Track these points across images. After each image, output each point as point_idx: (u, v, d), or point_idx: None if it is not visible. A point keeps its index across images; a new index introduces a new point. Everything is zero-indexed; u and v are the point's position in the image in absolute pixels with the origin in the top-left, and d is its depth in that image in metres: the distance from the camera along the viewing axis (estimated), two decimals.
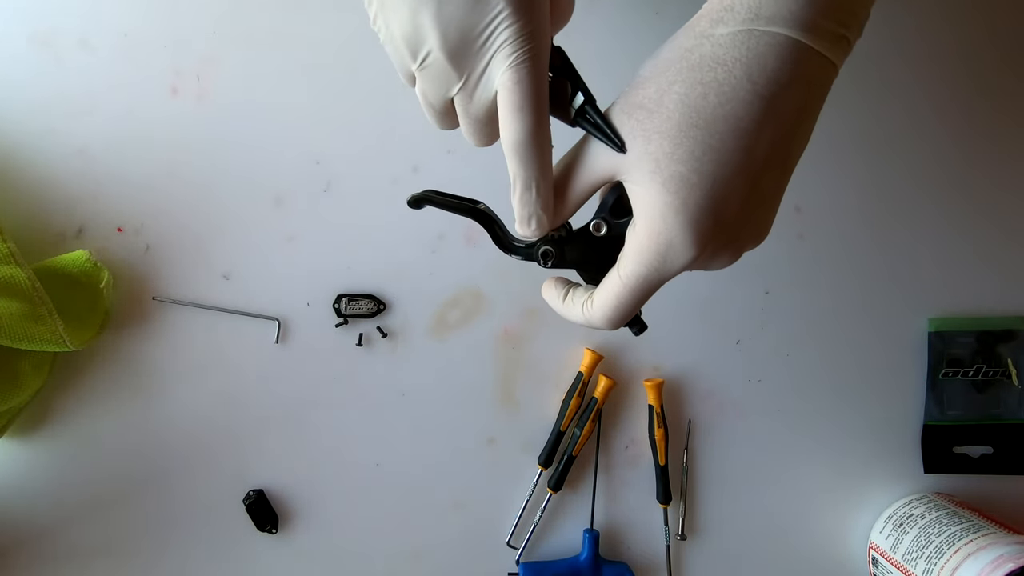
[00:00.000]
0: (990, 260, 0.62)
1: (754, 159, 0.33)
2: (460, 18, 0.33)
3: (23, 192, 0.56)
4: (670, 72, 0.34)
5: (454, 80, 0.35)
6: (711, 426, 0.62)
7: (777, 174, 0.35)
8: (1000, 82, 0.61)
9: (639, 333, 0.42)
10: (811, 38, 0.32)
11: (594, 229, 0.39)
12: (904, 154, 0.61)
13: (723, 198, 0.34)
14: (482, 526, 0.61)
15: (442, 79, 0.35)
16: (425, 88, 0.36)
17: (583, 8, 0.59)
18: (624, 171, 0.35)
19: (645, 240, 0.35)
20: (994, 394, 0.62)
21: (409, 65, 0.35)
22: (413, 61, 0.35)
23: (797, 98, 0.33)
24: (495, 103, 0.35)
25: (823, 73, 0.34)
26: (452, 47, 0.33)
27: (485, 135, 0.37)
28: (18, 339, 0.49)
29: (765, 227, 0.37)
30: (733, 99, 0.33)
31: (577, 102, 0.37)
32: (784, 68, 0.32)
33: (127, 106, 0.57)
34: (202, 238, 0.58)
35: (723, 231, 0.34)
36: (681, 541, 0.62)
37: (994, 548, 0.52)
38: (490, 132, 0.37)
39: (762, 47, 0.32)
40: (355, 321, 0.59)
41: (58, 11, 0.56)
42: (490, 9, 0.32)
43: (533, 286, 0.60)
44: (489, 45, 0.33)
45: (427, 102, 0.37)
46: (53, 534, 0.58)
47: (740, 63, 0.32)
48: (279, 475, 0.59)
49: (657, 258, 0.35)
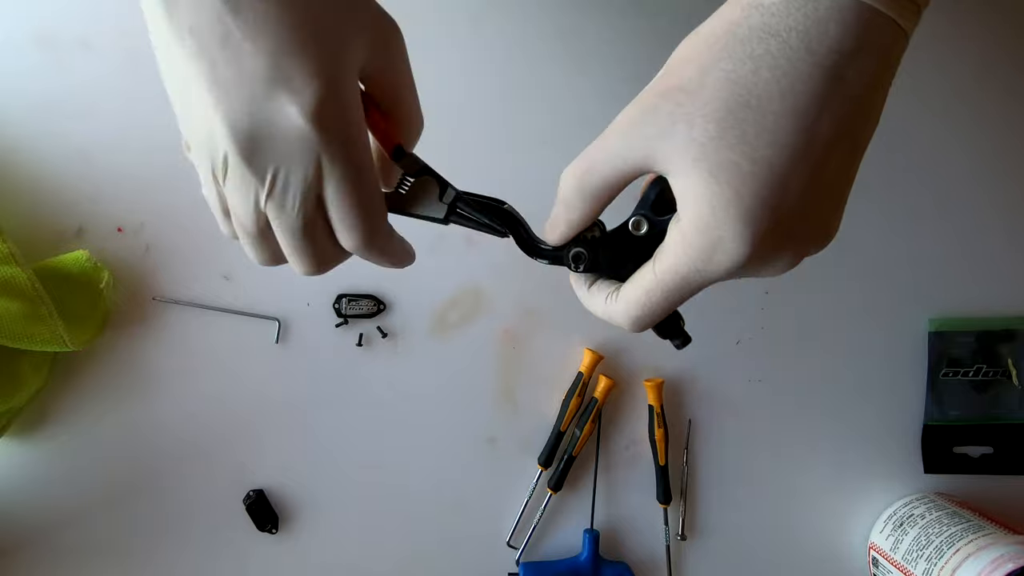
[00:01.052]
0: (990, 260, 0.62)
1: (816, 142, 0.29)
2: (249, 112, 0.30)
3: (23, 192, 0.56)
4: (715, 48, 0.30)
5: (257, 185, 0.31)
6: (711, 426, 0.62)
7: (845, 159, 0.30)
8: (1001, 80, 0.61)
9: (682, 347, 0.38)
10: (878, 0, 0.28)
11: (633, 227, 0.35)
12: (904, 153, 0.61)
13: (782, 187, 0.29)
14: (482, 526, 0.61)
15: (245, 185, 0.31)
16: (233, 203, 0.32)
17: (584, 8, 0.59)
18: (663, 160, 0.31)
19: (691, 235, 0.30)
20: (994, 394, 0.62)
21: (213, 180, 0.32)
22: (216, 171, 0.31)
23: (865, 69, 0.29)
24: (312, 210, 0.32)
25: (893, 41, 0.29)
26: (243, 144, 0.30)
27: (310, 254, 0.33)
28: (18, 339, 0.49)
29: (832, 224, 0.32)
30: (790, 72, 0.28)
31: (447, 198, 0.36)
32: (848, 35, 0.28)
33: (127, 106, 0.57)
34: (202, 238, 0.58)
35: (782, 227, 0.30)
36: (681, 541, 0.62)
37: (994, 548, 0.52)
38: (315, 249, 0.33)
39: (821, 12, 0.28)
40: (355, 321, 0.59)
41: (59, 11, 0.56)
42: (282, 114, 0.30)
43: (533, 286, 0.60)
44: (288, 149, 0.30)
45: (239, 224, 0.33)
46: (53, 534, 0.58)
47: (796, 32, 0.28)
48: (279, 475, 0.59)
49: (702, 255, 0.30)
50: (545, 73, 0.59)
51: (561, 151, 0.59)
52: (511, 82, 0.59)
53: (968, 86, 0.61)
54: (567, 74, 0.59)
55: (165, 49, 0.30)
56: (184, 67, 0.30)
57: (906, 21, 0.29)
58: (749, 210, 0.29)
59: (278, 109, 0.30)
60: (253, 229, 0.33)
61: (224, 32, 0.29)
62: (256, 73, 0.29)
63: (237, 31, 0.29)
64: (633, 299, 0.34)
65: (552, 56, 0.59)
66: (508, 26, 0.59)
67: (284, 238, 0.33)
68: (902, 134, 0.61)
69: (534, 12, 0.59)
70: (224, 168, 0.31)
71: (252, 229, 0.33)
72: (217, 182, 0.32)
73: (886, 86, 0.30)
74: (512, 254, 0.60)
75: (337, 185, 0.31)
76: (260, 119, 0.30)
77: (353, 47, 0.32)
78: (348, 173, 0.31)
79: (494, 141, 0.59)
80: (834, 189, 0.31)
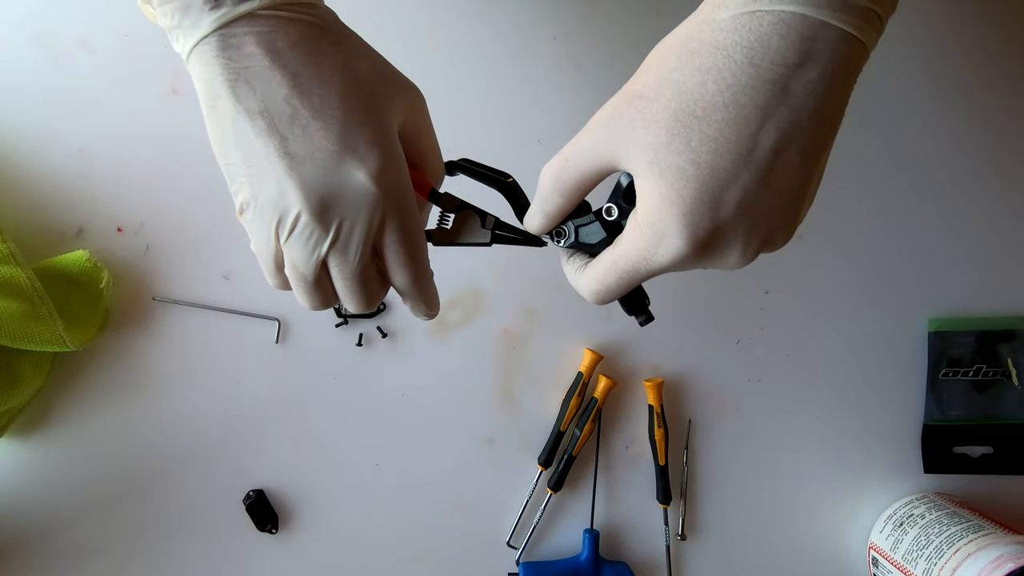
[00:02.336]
0: (990, 260, 0.62)
1: (760, 148, 0.31)
2: (323, 178, 0.34)
3: (23, 192, 0.56)
4: (670, 60, 0.33)
5: (321, 238, 0.36)
6: (711, 426, 0.62)
7: (796, 164, 0.32)
8: (1002, 80, 0.61)
9: (644, 323, 0.41)
10: (827, 13, 0.30)
11: (606, 213, 0.38)
12: (903, 154, 0.61)
13: (721, 190, 0.32)
14: (482, 526, 0.61)
15: (312, 239, 0.36)
16: (294, 255, 0.36)
17: (584, 9, 0.59)
18: (626, 160, 0.34)
19: (642, 227, 0.34)
20: (994, 394, 0.62)
21: (275, 237, 0.36)
22: (281, 228, 0.36)
23: (813, 80, 0.30)
24: (369, 258, 0.37)
25: (846, 50, 0.31)
26: (315, 204, 0.35)
27: (364, 294, 0.38)
28: (18, 339, 0.49)
29: (787, 223, 0.34)
30: (733, 85, 0.31)
31: (489, 224, 0.41)
32: (792, 48, 0.30)
33: (127, 106, 0.57)
34: (202, 238, 0.58)
35: (725, 227, 0.32)
36: (681, 541, 0.62)
37: (994, 548, 0.52)
38: (369, 290, 0.38)
39: (765, 27, 0.30)
40: (355, 321, 0.59)
41: (58, 11, 0.56)
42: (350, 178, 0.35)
43: (533, 286, 0.60)
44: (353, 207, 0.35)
45: (298, 274, 0.37)
46: (53, 534, 0.58)
47: (741, 47, 0.31)
48: (279, 475, 0.59)
49: (648, 248, 0.34)
50: (545, 73, 0.59)
51: (558, 150, 0.59)
52: (511, 82, 0.59)
53: (970, 87, 0.61)
54: (567, 74, 0.59)
55: (230, 125, 0.35)
56: (252, 141, 0.34)
57: (864, 31, 0.31)
58: (689, 210, 0.32)
59: (348, 175, 0.35)
60: (312, 278, 0.37)
61: (293, 113, 0.34)
62: (326, 146, 0.34)
63: (305, 111, 0.34)
64: (593, 276, 0.38)
65: (552, 56, 0.59)
66: (508, 26, 0.59)
67: (342, 282, 0.37)
68: (902, 134, 0.61)
69: (534, 12, 0.59)
70: (292, 225, 0.35)
71: (311, 277, 0.37)
72: (278, 239, 0.36)
73: (841, 93, 0.32)
74: (512, 254, 0.60)
75: (396, 234, 0.37)
76: (331, 183, 0.35)
77: (394, 114, 0.37)
78: (405, 223, 0.37)
79: (493, 140, 0.59)
80: (787, 192, 0.33)
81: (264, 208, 0.35)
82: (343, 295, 0.38)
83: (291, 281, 0.38)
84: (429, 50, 0.58)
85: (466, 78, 0.59)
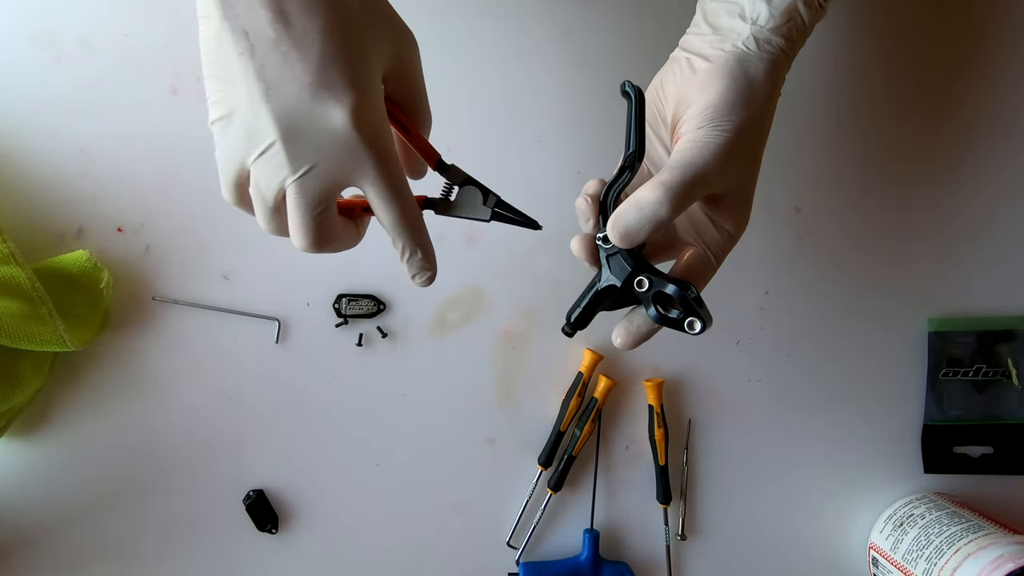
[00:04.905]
0: (990, 260, 0.62)
1: (738, 130, 0.42)
2: (297, 109, 0.34)
3: (23, 192, 0.56)
4: None
5: (288, 168, 0.35)
6: (711, 426, 0.62)
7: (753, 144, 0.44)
8: (1002, 81, 0.61)
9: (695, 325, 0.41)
10: None
11: (637, 285, 0.42)
12: (904, 154, 0.61)
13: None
14: (482, 526, 0.61)
15: (277, 166, 0.35)
16: (258, 177, 0.36)
17: (584, 9, 0.59)
18: None
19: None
20: (994, 394, 0.62)
21: (241, 155, 0.36)
22: (250, 149, 0.36)
23: None
24: (330, 197, 0.36)
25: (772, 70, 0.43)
26: (286, 134, 0.35)
27: (315, 231, 0.37)
28: (18, 339, 0.49)
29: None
30: None
31: (491, 202, 0.42)
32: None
33: (127, 106, 0.57)
34: (202, 238, 0.58)
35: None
36: (681, 541, 0.62)
37: (994, 548, 0.52)
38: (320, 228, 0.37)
39: None
40: (355, 321, 0.59)
41: (58, 11, 0.56)
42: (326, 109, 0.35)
43: (533, 286, 0.60)
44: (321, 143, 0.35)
45: (259, 194, 0.37)
46: (53, 534, 0.58)
47: None
48: (279, 475, 0.59)
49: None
50: (545, 73, 0.59)
51: (558, 150, 0.59)
52: (511, 82, 0.59)
53: (969, 85, 0.61)
54: (567, 74, 0.59)
55: (214, 40, 0.35)
56: (234, 60, 0.34)
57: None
58: None
59: (322, 110, 0.34)
60: (272, 202, 0.37)
61: (276, 38, 0.34)
62: (302, 78, 0.34)
63: (287, 39, 0.34)
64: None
65: (552, 56, 0.59)
66: (508, 26, 0.59)
67: (296, 212, 0.37)
68: (901, 134, 0.61)
69: (534, 12, 0.59)
70: (263, 150, 0.35)
71: (271, 202, 0.37)
72: (244, 154, 0.36)
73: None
74: (512, 254, 0.60)
75: (375, 170, 0.36)
76: (304, 115, 0.34)
77: (379, 56, 0.37)
78: (382, 162, 0.36)
79: (493, 140, 0.59)
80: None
81: (236, 126, 0.35)
82: (293, 225, 0.37)
83: (253, 200, 0.38)
84: (429, 50, 0.58)
85: (466, 78, 0.59)
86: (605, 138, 0.59)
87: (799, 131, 0.60)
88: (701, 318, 0.40)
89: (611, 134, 0.59)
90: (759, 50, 0.42)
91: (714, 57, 0.43)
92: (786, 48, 0.43)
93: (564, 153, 0.59)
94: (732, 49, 0.42)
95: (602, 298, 0.43)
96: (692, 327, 0.40)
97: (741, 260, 0.38)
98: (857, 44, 0.61)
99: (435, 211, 0.42)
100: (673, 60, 0.46)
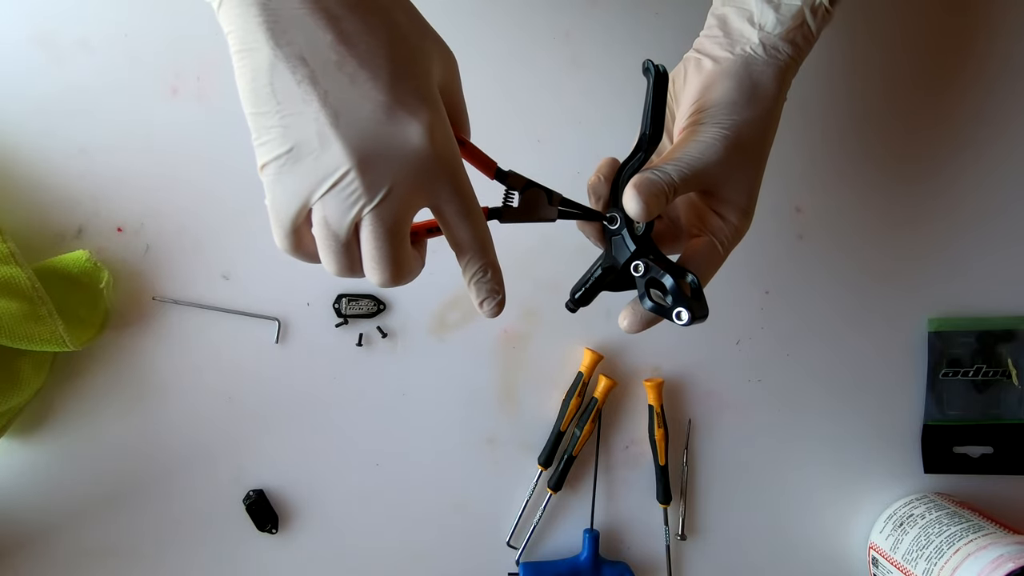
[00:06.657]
0: (990, 260, 0.62)
1: (739, 128, 0.43)
2: (372, 131, 0.33)
3: (23, 192, 0.56)
4: None
5: (365, 196, 0.33)
6: (711, 426, 0.62)
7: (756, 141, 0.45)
8: (1002, 81, 0.61)
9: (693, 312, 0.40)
10: None
11: (633, 269, 0.41)
12: (904, 154, 0.61)
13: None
14: (482, 526, 0.61)
15: (352, 196, 0.33)
16: (329, 212, 0.34)
17: (584, 9, 0.59)
18: None
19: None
20: (994, 394, 0.62)
21: (307, 193, 0.34)
22: (320, 183, 0.33)
23: None
24: (407, 221, 0.35)
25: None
26: (361, 159, 0.33)
27: (394, 261, 0.35)
28: (18, 339, 0.49)
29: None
30: None
31: (556, 201, 0.41)
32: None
33: (127, 106, 0.57)
34: (202, 238, 0.58)
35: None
36: (681, 541, 0.62)
37: (994, 548, 0.52)
38: (400, 257, 0.35)
39: None
40: (355, 321, 0.59)
41: (58, 11, 0.56)
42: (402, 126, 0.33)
43: (533, 286, 0.60)
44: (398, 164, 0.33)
45: (330, 232, 0.34)
46: (54, 534, 0.58)
47: None
48: (279, 475, 0.59)
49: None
50: (545, 73, 0.59)
51: (557, 150, 0.59)
52: (511, 82, 0.59)
53: (968, 86, 0.61)
54: (567, 74, 0.59)
55: (266, 72, 0.32)
56: (292, 90, 0.32)
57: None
58: None
59: (399, 129, 0.33)
60: (344, 237, 0.34)
61: (339, 60, 0.32)
62: (376, 96, 0.32)
63: (352, 59, 0.32)
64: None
65: (552, 56, 0.59)
66: (508, 26, 0.59)
67: (375, 243, 0.35)
68: (901, 134, 0.61)
69: (534, 11, 0.59)
70: (335, 181, 0.33)
71: (344, 237, 0.34)
72: (309, 192, 0.33)
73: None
74: (512, 254, 0.60)
75: (449, 185, 0.35)
76: (380, 137, 0.33)
77: (434, 71, 0.36)
78: (456, 177, 0.35)
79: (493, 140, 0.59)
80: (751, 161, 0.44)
81: (301, 163, 0.33)
82: (371, 259, 0.35)
83: (319, 240, 0.35)
84: None
85: (466, 78, 0.58)
86: (605, 138, 0.59)
87: (799, 131, 0.60)
88: (690, 309, 0.38)
89: (611, 134, 0.59)
90: (766, 55, 0.43)
91: (722, 59, 0.44)
92: (793, 55, 0.44)
93: (564, 153, 0.59)
94: (740, 52, 0.43)
95: (604, 277, 0.43)
96: (680, 317, 0.39)
97: (741, 260, 0.39)
98: (858, 44, 0.61)
99: (500, 220, 0.41)
100: (685, 60, 0.47)
